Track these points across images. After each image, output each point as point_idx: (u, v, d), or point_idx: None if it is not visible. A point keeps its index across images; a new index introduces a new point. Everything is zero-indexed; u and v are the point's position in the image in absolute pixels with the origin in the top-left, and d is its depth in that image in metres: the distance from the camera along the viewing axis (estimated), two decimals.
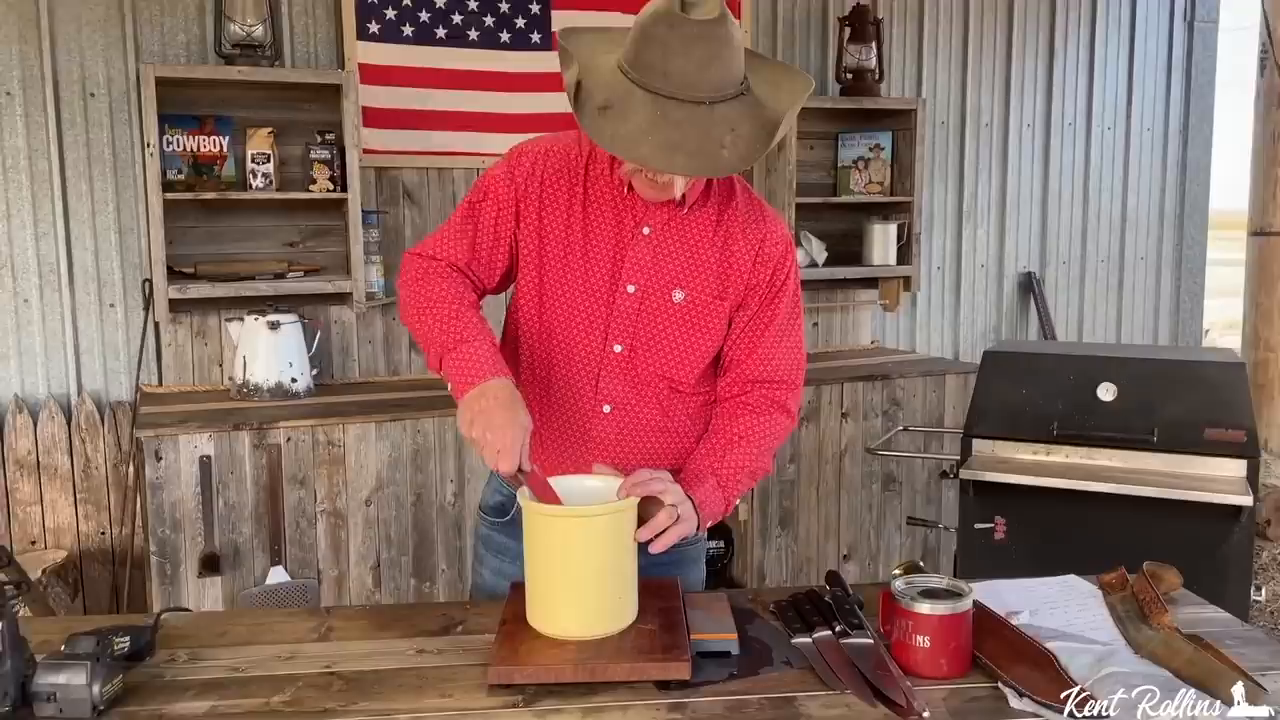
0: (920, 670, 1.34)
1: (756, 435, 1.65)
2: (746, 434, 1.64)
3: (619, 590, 1.41)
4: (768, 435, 1.66)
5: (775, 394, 1.67)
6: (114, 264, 3.32)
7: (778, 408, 1.67)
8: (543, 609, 1.40)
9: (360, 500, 3.05)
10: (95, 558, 3.29)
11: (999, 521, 3.13)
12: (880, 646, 1.39)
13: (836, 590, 1.53)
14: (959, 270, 4.56)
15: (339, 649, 1.44)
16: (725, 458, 1.62)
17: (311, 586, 3.02)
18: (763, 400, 1.67)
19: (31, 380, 3.26)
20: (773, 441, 1.67)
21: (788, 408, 1.69)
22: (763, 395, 1.67)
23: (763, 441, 1.65)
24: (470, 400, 1.48)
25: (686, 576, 1.71)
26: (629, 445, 1.67)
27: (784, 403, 1.69)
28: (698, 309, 1.64)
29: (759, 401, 1.66)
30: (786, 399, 1.69)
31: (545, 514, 1.38)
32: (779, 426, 1.68)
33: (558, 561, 1.38)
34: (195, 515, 2.88)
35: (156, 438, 2.84)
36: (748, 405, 1.66)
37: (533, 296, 1.66)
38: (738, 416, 1.65)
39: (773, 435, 1.67)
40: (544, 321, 1.66)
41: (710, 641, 1.41)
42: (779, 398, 1.68)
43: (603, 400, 1.65)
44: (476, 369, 1.51)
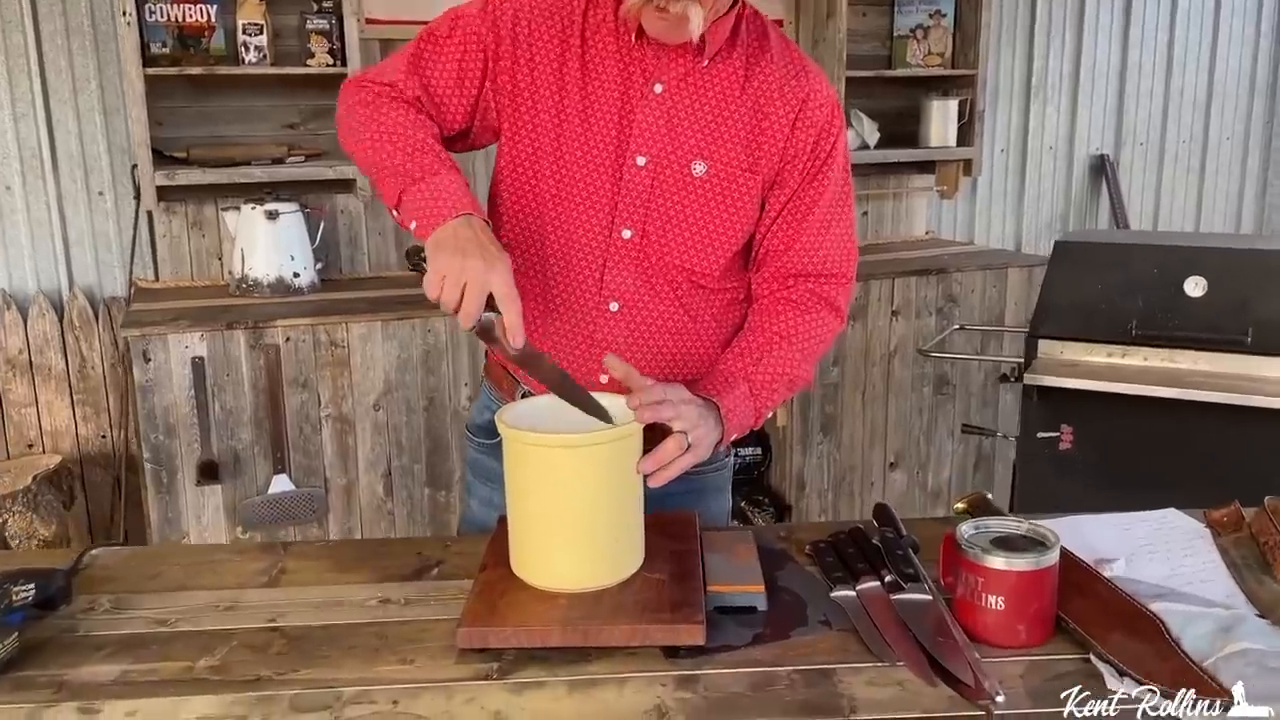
0: (991, 637, 1.08)
1: (799, 336, 1.38)
2: (788, 334, 1.37)
3: (619, 533, 1.16)
4: (812, 337, 1.39)
5: (823, 289, 1.40)
6: (100, 148, 3.06)
7: (825, 305, 1.40)
8: (527, 555, 1.16)
9: (368, 405, 2.83)
10: (96, 462, 3.12)
11: (1065, 431, 2.84)
12: (941, 604, 1.13)
13: (886, 530, 1.27)
14: (1025, 152, 4.16)
15: (288, 597, 1.21)
16: (761, 361, 1.35)
17: (318, 495, 2.82)
18: (808, 296, 1.40)
19: (19, 274, 3.05)
20: (818, 345, 1.40)
21: (837, 305, 1.42)
22: (808, 290, 1.40)
23: (806, 344, 1.38)
24: (437, 242, 1.19)
25: (707, 509, 1.45)
26: (641, 351, 1.40)
27: (833, 299, 1.41)
28: (723, 184, 1.35)
29: (804, 297, 1.40)
30: (836, 295, 1.41)
31: (527, 443, 1.12)
32: (826, 328, 1.41)
33: (544, 498, 1.13)
34: (190, 420, 2.67)
35: (144, 338, 2.62)
36: (790, 301, 1.39)
37: (520, 172, 1.37)
38: (778, 314, 1.38)
39: (818, 338, 1.40)
40: (535, 203, 1.37)
41: (732, 595, 1.16)
42: (827, 293, 1.40)
43: (609, 297, 1.38)
44: (437, 209, 1.21)
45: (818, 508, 3.47)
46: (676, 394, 1.22)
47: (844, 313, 1.43)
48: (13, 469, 2.81)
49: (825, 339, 1.41)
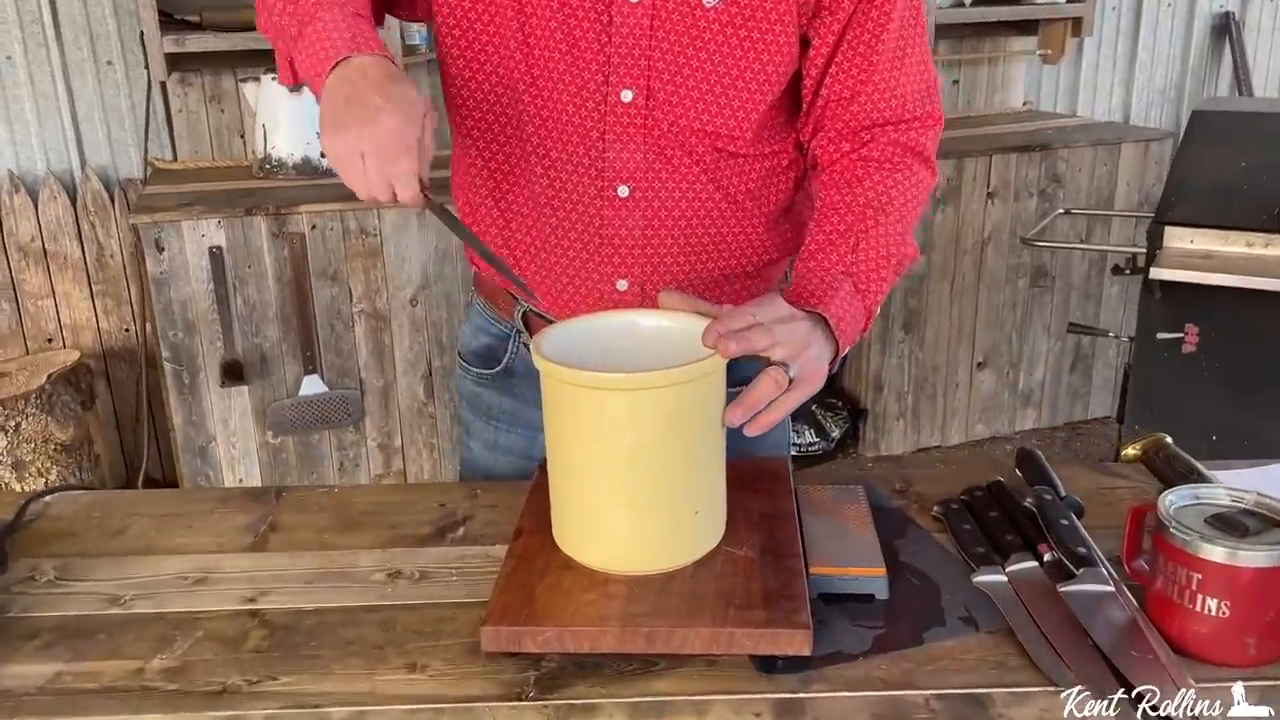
0: (1205, 651, 0.79)
1: (894, 203, 1.06)
2: (881, 203, 1.05)
3: (695, 499, 0.88)
4: (909, 200, 1.08)
5: (907, 137, 1.09)
6: (106, 11, 2.75)
7: (914, 156, 1.09)
8: (574, 526, 0.89)
9: (404, 300, 2.56)
10: (120, 357, 2.92)
11: (1190, 331, 2.49)
12: (1129, 600, 0.85)
13: (1042, 490, 0.97)
14: (1139, 10, 3.67)
15: (275, 566, 0.96)
16: (859, 245, 1.03)
17: (353, 398, 2.59)
18: (892, 149, 1.08)
19: (27, 153, 2.79)
20: (915, 209, 1.09)
21: (926, 154, 1.10)
22: (890, 142, 1.08)
23: (904, 210, 1.07)
24: (329, 92, 0.90)
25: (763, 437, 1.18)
26: (665, 246, 1.09)
27: (920, 147, 1.10)
28: (745, 14, 1.02)
29: (887, 152, 1.08)
30: (923, 141, 1.10)
31: (577, 383, 0.83)
32: (920, 185, 1.10)
33: (596, 454, 0.85)
34: (210, 316, 2.43)
35: (155, 225, 2.36)
36: (871, 161, 1.08)
37: (471, 37, 1.05)
38: (861, 180, 1.07)
39: (914, 199, 1.09)
40: (500, 75, 1.06)
41: (843, 579, 0.89)
42: (913, 141, 1.09)
43: (614, 180, 1.06)
44: (329, 47, 0.91)
45: (895, 410, 3.17)
46: (768, 311, 0.92)
47: (934, 162, 1.11)
48: (29, 366, 2.61)
49: (921, 199, 1.10)
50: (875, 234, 1.04)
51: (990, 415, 3.28)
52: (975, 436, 3.28)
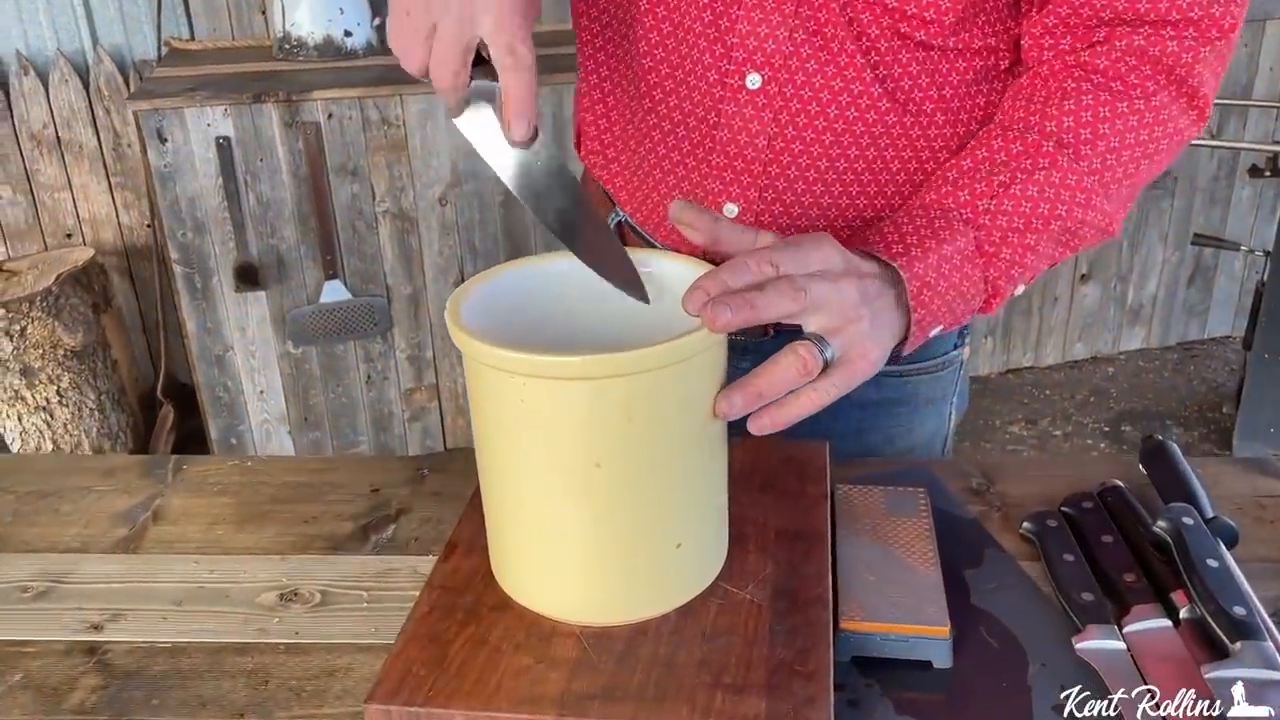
0: None
1: (1102, 141, 0.72)
2: (1078, 136, 0.72)
3: (679, 527, 0.62)
4: (1133, 144, 0.72)
5: (1162, 46, 0.72)
6: None
7: (1166, 76, 0.72)
8: (511, 559, 0.64)
9: (432, 199, 2.31)
10: (143, 254, 2.74)
11: None
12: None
13: (1179, 510, 0.69)
14: None
15: (143, 575, 0.74)
16: (1010, 189, 0.71)
17: (380, 305, 2.38)
18: (1133, 60, 0.72)
19: (36, 32, 2.57)
20: (1143, 161, 0.74)
21: (1188, 79, 0.72)
22: (1134, 49, 0.72)
23: (1116, 157, 0.72)
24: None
25: (911, 432, 0.91)
26: (798, 167, 0.79)
27: (1182, 67, 0.72)
28: None
29: (1123, 63, 0.73)
30: (1187, 59, 0.72)
31: (508, 369, 0.56)
32: (1165, 124, 0.73)
33: (539, 469, 0.59)
34: (221, 215, 2.22)
35: (156, 112, 2.13)
36: (1094, 72, 0.73)
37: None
38: (1066, 97, 0.73)
39: (1147, 145, 0.73)
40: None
41: (888, 639, 0.63)
42: (1170, 54, 0.72)
43: (744, 63, 0.77)
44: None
45: (984, 327, 2.85)
46: (800, 257, 0.63)
47: (1202, 94, 0.73)
48: (40, 265, 2.44)
49: (1161, 147, 0.73)
50: (1041, 179, 0.71)
51: (1092, 333, 2.94)
52: (1073, 357, 2.95)
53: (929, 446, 0.94)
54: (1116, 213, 0.75)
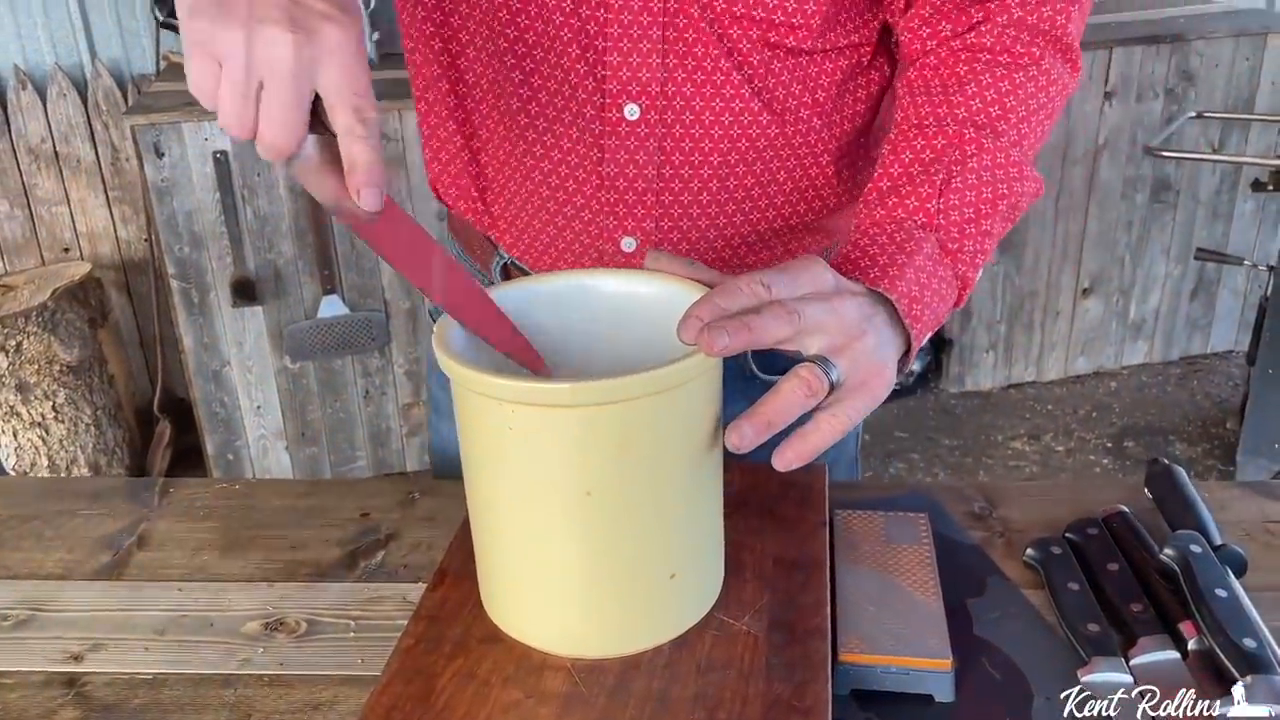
0: None
1: (1013, 115, 0.73)
2: (992, 116, 0.73)
3: (675, 557, 0.60)
4: (1034, 111, 0.74)
5: (1038, 14, 0.74)
6: None
7: (1047, 41, 0.75)
8: (501, 589, 0.62)
9: (430, 213, 2.30)
10: (140, 269, 2.73)
11: None
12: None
13: (1187, 538, 0.67)
14: None
15: (125, 604, 0.72)
16: (953, 183, 0.70)
17: (377, 320, 2.36)
18: (1014, 32, 0.74)
19: (34, 46, 2.57)
20: (1043, 121, 0.76)
21: (1065, 39, 0.75)
22: (1014, 21, 0.74)
23: (1025, 126, 0.74)
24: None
25: None
26: (690, 193, 0.79)
27: (1058, 30, 0.75)
28: None
29: (1007, 38, 0.75)
30: (1061, 21, 0.75)
31: (495, 396, 0.55)
32: (1054, 85, 0.75)
33: (528, 498, 0.58)
34: (218, 229, 2.21)
35: (153, 127, 2.13)
36: (983, 51, 0.75)
37: None
38: (966, 82, 0.74)
39: (1044, 109, 0.75)
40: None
41: (889, 671, 0.61)
42: (1046, 20, 0.74)
43: (619, 95, 0.76)
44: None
45: (986, 342, 2.83)
46: (793, 281, 0.62)
47: (1078, 52, 0.77)
48: (37, 279, 2.43)
49: (1053, 107, 0.76)
50: (977, 166, 0.71)
51: (1094, 347, 2.92)
52: (1076, 371, 2.93)
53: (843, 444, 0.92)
54: (1036, 174, 0.75)
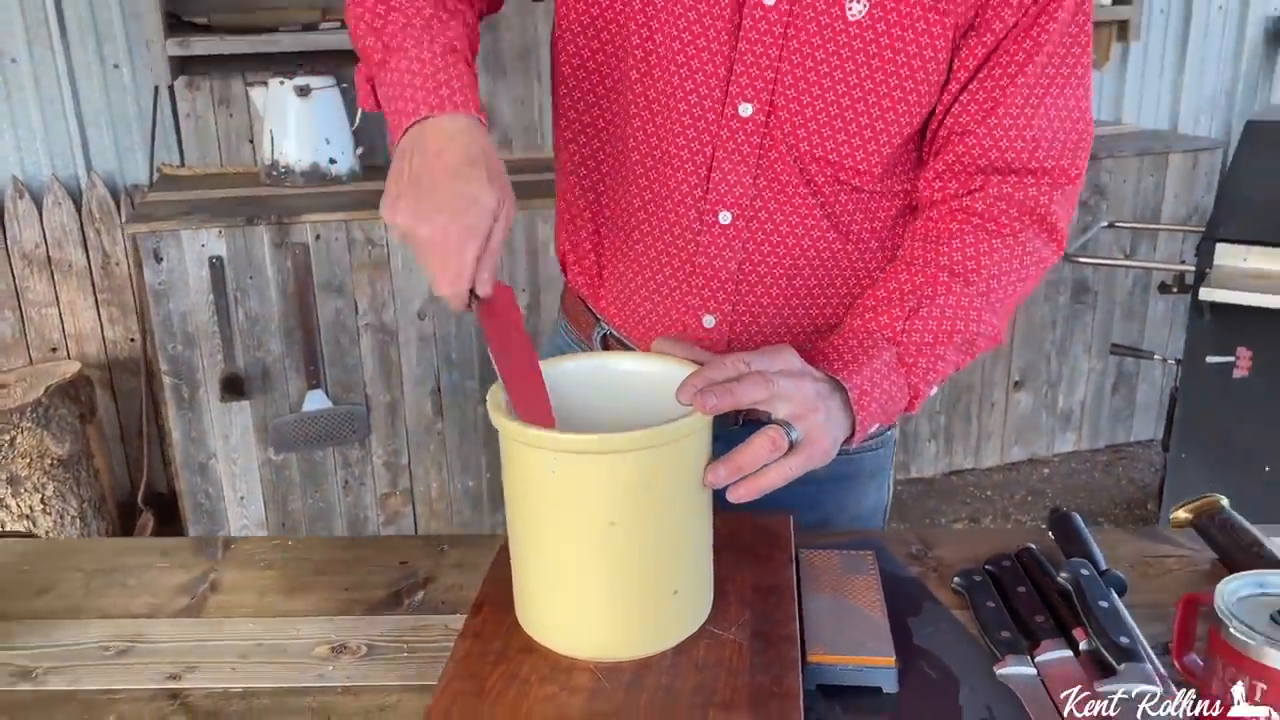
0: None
1: (984, 272, 0.91)
2: (966, 269, 0.91)
3: (676, 578, 0.76)
4: (1007, 273, 0.92)
5: (1025, 191, 0.92)
6: (113, 12, 2.68)
7: (1030, 217, 0.92)
8: (536, 607, 0.77)
9: (411, 313, 2.47)
10: (126, 368, 2.85)
11: (1242, 355, 2.34)
12: (1184, 706, 0.72)
13: (1079, 564, 0.85)
14: (1189, 13, 3.50)
15: (208, 635, 0.86)
16: (919, 311, 0.90)
17: (359, 414, 2.50)
18: (1000, 204, 0.92)
19: (32, 159, 2.73)
20: (1014, 284, 0.93)
21: (1048, 218, 0.93)
22: (1000, 194, 0.92)
23: (996, 283, 0.92)
24: (400, 155, 0.81)
25: (853, 502, 1.07)
26: (764, 286, 0.97)
27: (1041, 208, 0.92)
28: (892, 30, 0.88)
29: (993, 207, 0.92)
30: (1046, 201, 0.92)
31: (531, 443, 0.72)
32: (1030, 256, 0.93)
33: (559, 525, 0.74)
34: (210, 329, 2.35)
35: (154, 234, 2.28)
36: (973, 214, 0.93)
37: (588, 19, 0.94)
38: (954, 237, 0.93)
39: (1016, 273, 0.93)
40: (611, 65, 0.95)
41: (846, 669, 0.77)
42: (1032, 198, 0.92)
43: (718, 204, 0.94)
44: (410, 96, 0.82)
45: (927, 431, 3.03)
46: (771, 360, 0.81)
47: (1059, 228, 0.94)
48: (28, 378, 2.54)
49: (1028, 275, 0.93)
50: (941, 303, 0.90)
51: (1027, 437, 3.14)
52: (1011, 459, 3.14)
53: (873, 515, 1.09)
54: (1001, 324, 0.94)
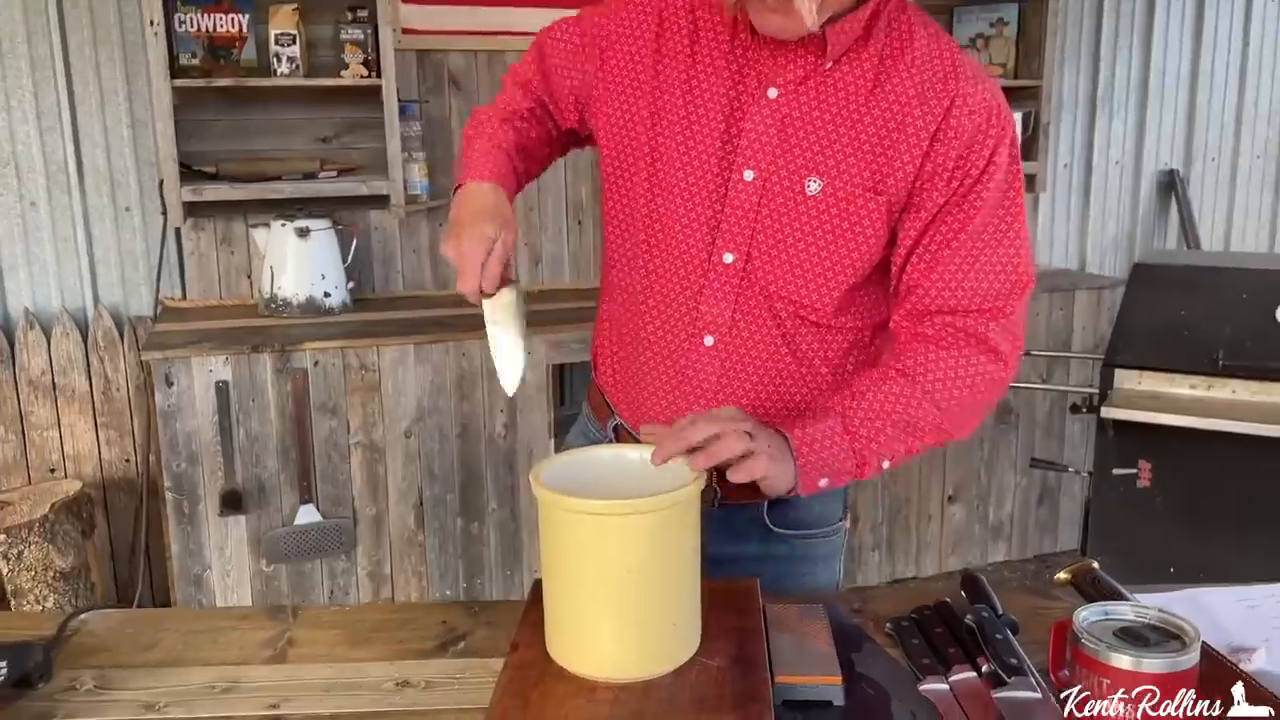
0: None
1: (926, 374, 1.16)
2: (911, 371, 1.17)
3: (675, 614, 0.99)
4: (948, 377, 1.17)
5: (964, 322, 1.19)
6: (128, 162, 2.96)
7: (969, 338, 1.19)
8: (566, 637, 1.00)
9: (399, 432, 2.69)
10: (120, 488, 3.01)
11: (1144, 467, 2.64)
12: (1054, 706, 0.96)
13: (980, 609, 1.09)
14: (1090, 168, 3.95)
15: (294, 676, 1.06)
16: (865, 395, 1.15)
17: (346, 527, 2.69)
18: (946, 331, 1.19)
19: (43, 292, 2.95)
20: (957, 388, 1.18)
21: (987, 340, 1.18)
22: (945, 324, 1.19)
23: (937, 384, 1.17)
24: (451, 209, 1.21)
25: (814, 581, 1.31)
26: (737, 392, 1.24)
27: (978, 333, 1.18)
28: (840, 205, 1.17)
29: (940, 333, 1.19)
30: (981, 329, 1.18)
31: (566, 509, 0.96)
32: (970, 366, 1.18)
33: (586, 573, 0.97)
34: (213, 448, 2.55)
35: (166, 360, 2.50)
36: (923, 337, 1.20)
37: (615, 183, 1.27)
38: (906, 350, 1.20)
39: (958, 378, 1.18)
40: (631, 218, 1.26)
41: (804, 687, 0.99)
42: (969, 326, 1.19)
43: (704, 329, 1.23)
44: (465, 168, 1.24)
45: (871, 541, 3.28)
46: (723, 412, 1.09)
47: (1001, 350, 1.18)
48: (31, 496, 2.70)
49: (972, 383, 1.18)
50: (886, 389, 1.16)
51: (962, 547, 3.39)
52: (949, 568, 3.38)
53: (827, 590, 1.33)
54: (953, 421, 1.18)
